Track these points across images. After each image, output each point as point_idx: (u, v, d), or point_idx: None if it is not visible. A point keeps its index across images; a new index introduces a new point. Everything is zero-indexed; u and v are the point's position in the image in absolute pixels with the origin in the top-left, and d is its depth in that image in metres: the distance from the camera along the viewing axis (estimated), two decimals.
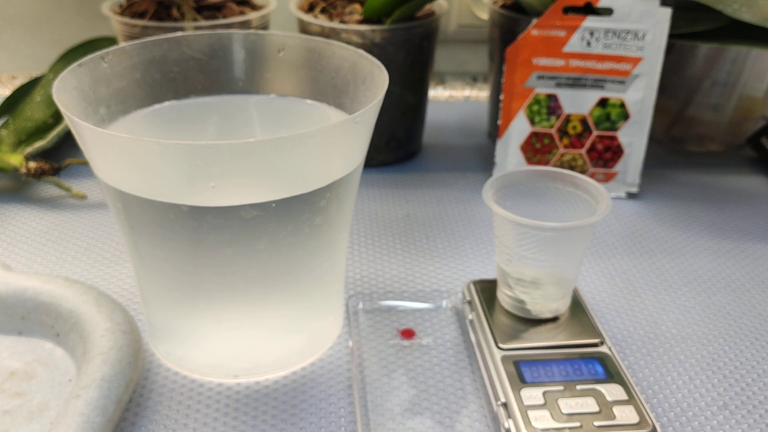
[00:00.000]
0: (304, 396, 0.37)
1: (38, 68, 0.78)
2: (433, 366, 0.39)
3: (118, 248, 0.49)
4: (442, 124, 0.70)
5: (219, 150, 0.30)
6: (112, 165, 0.32)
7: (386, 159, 0.61)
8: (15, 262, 0.47)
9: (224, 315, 0.36)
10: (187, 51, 0.40)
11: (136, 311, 0.42)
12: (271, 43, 0.41)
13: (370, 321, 0.41)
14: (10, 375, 0.37)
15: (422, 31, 0.56)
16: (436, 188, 0.58)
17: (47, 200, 0.55)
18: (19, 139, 0.56)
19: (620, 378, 0.35)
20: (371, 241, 0.51)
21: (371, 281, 0.46)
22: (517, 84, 0.55)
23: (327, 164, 0.33)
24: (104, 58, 0.37)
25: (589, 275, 0.47)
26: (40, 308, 0.39)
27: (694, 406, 0.37)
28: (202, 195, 0.31)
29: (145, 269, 0.36)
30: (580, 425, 0.33)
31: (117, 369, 0.34)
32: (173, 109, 0.40)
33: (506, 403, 0.34)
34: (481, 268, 0.48)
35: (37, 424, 0.34)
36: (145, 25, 0.55)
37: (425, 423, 0.35)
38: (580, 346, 0.37)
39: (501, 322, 0.39)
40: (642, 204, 0.56)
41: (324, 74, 0.40)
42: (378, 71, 0.36)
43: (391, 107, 0.58)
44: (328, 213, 0.34)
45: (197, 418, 0.36)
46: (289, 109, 0.41)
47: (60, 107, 0.31)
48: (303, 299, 0.37)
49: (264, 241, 0.33)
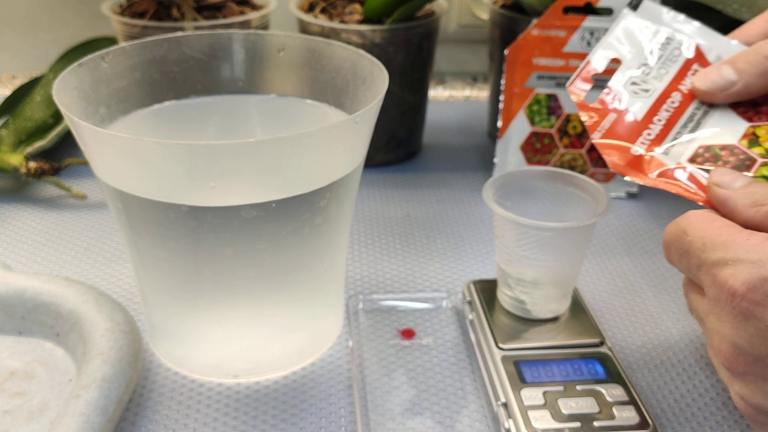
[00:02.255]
0: (304, 396, 0.37)
1: (38, 68, 0.78)
2: (433, 366, 0.39)
3: (118, 248, 0.49)
4: (442, 124, 0.70)
5: (219, 150, 0.30)
6: (112, 165, 0.32)
7: (386, 159, 0.61)
8: (15, 262, 0.47)
9: (224, 315, 0.36)
10: (187, 51, 0.40)
11: (136, 311, 0.42)
12: (271, 43, 0.41)
13: (370, 321, 0.41)
14: (10, 375, 0.37)
15: (422, 31, 0.56)
16: (436, 188, 0.58)
17: (47, 200, 0.55)
18: (19, 139, 0.56)
19: (620, 378, 0.35)
20: (371, 241, 0.51)
21: (371, 281, 0.46)
22: (517, 84, 0.55)
23: (327, 164, 0.33)
24: (104, 58, 0.37)
25: (589, 275, 0.47)
26: (40, 308, 0.39)
27: (693, 406, 0.37)
28: (202, 195, 0.31)
29: (145, 269, 0.36)
30: (580, 425, 0.33)
31: (117, 369, 0.34)
32: (173, 109, 0.40)
33: (506, 403, 0.34)
34: (481, 268, 0.48)
35: (37, 424, 0.34)
36: (145, 25, 0.55)
37: (425, 423, 0.35)
38: (580, 346, 0.37)
39: (501, 322, 0.39)
40: (642, 204, 0.56)
41: (324, 74, 0.40)
42: (378, 71, 0.36)
43: (391, 107, 0.58)
44: (328, 213, 0.34)
45: (197, 418, 0.36)
46: (289, 109, 0.41)
47: (60, 107, 0.31)
48: (303, 299, 0.37)
49: (264, 240, 0.33)
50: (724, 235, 0.29)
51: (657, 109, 0.36)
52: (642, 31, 0.38)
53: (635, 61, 0.37)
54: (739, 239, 0.28)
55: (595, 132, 0.35)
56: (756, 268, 0.27)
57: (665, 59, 0.37)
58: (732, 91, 0.34)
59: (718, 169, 0.32)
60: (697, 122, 0.35)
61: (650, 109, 0.36)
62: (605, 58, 0.38)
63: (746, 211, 0.29)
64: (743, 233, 0.28)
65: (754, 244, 0.28)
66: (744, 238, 0.28)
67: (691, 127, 0.35)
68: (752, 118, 0.34)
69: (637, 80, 0.36)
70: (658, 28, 0.38)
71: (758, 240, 0.28)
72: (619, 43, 0.38)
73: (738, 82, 0.34)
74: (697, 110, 0.35)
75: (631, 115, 0.35)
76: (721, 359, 0.29)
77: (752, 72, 0.34)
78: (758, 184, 0.30)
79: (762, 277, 0.27)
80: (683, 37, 0.37)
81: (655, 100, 0.36)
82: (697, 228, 0.30)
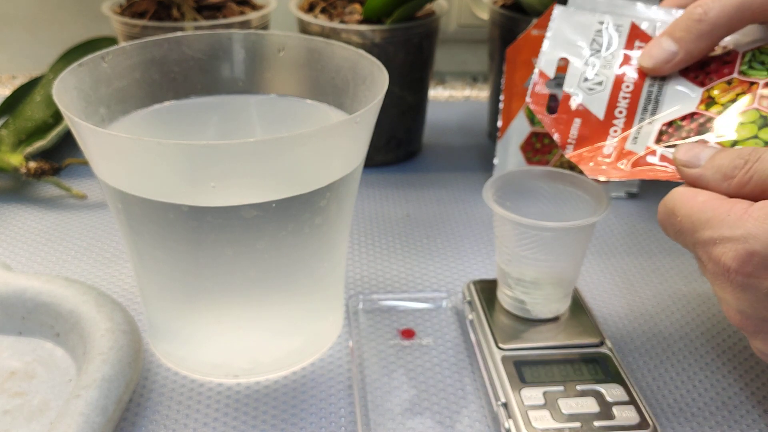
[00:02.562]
0: (304, 396, 0.37)
1: (38, 68, 0.78)
2: (433, 366, 0.39)
3: (118, 248, 0.49)
4: (442, 124, 0.70)
5: (219, 150, 0.30)
6: (112, 165, 0.32)
7: (386, 159, 0.61)
8: (15, 262, 0.47)
9: (224, 315, 0.36)
10: (187, 51, 0.40)
11: (136, 311, 0.42)
12: (271, 43, 0.41)
13: (370, 321, 0.41)
14: (11, 375, 0.37)
15: (422, 31, 0.56)
16: (436, 188, 0.58)
17: (47, 200, 0.55)
18: (19, 139, 0.56)
19: (620, 378, 0.35)
20: (371, 241, 0.51)
21: (371, 281, 0.46)
22: (517, 84, 0.55)
23: (327, 164, 0.33)
24: (104, 58, 0.37)
25: (589, 275, 0.47)
26: (40, 308, 0.39)
27: (693, 406, 0.37)
28: (202, 195, 0.31)
29: (145, 269, 0.36)
30: (580, 425, 0.33)
31: (117, 369, 0.34)
32: (173, 109, 0.40)
33: (506, 403, 0.34)
34: (481, 268, 0.48)
35: (37, 424, 0.34)
36: (145, 25, 0.55)
37: (425, 423, 0.35)
38: (580, 346, 0.37)
39: (501, 322, 0.39)
40: (642, 204, 0.56)
41: (324, 74, 0.40)
42: (378, 71, 0.36)
43: (391, 107, 0.58)
44: (328, 213, 0.34)
45: (197, 418, 0.36)
46: (289, 109, 0.41)
47: (60, 107, 0.31)
48: (303, 299, 0.37)
49: (264, 241, 0.33)
50: (708, 210, 0.29)
51: (615, 100, 0.36)
52: (578, 23, 0.37)
53: (581, 55, 0.37)
54: (722, 214, 0.29)
55: (567, 146, 0.35)
56: (741, 244, 0.28)
57: (607, 45, 0.37)
58: (676, 61, 0.35)
59: (680, 147, 0.32)
60: (655, 101, 0.35)
61: (609, 103, 0.36)
62: (552, 61, 0.37)
63: (719, 186, 0.30)
64: (724, 206, 0.29)
65: (735, 219, 0.28)
66: (725, 212, 0.29)
67: (651, 108, 0.35)
68: (704, 82, 0.35)
69: (588, 75, 0.36)
70: (593, 15, 0.37)
71: (738, 213, 0.28)
72: (561, 42, 0.37)
73: (679, 51, 0.35)
74: (652, 87, 0.35)
75: (594, 115, 0.35)
76: (733, 322, 0.31)
77: (689, 38, 0.34)
78: (722, 154, 0.30)
79: (748, 251, 0.28)
80: (617, 17, 0.37)
81: (611, 92, 0.36)
82: (684, 206, 0.31)
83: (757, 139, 0.31)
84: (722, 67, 0.35)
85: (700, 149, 0.31)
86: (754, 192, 0.29)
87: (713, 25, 0.34)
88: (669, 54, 0.35)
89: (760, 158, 0.29)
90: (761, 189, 0.29)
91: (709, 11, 0.33)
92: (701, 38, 0.34)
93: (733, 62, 0.34)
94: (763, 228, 0.27)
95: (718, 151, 0.31)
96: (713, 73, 0.35)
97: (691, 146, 0.32)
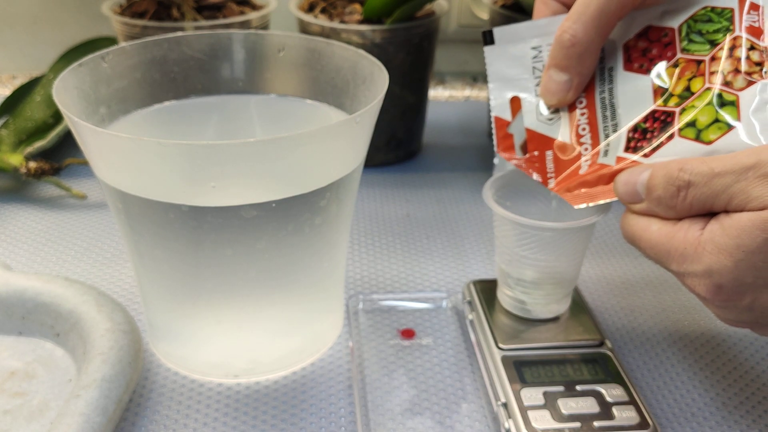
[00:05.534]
0: (304, 396, 0.37)
1: (38, 68, 0.78)
2: (433, 366, 0.39)
3: (118, 248, 0.49)
4: (442, 124, 0.70)
5: (219, 150, 0.30)
6: (112, 165, 0.32)
7: (386, 159, 0.61)
8: (15, 262, 0.47)
9: (224, 315, 0.36)
10: (187, 51, 0.40)
11: (136, 311, 0.42)
12: (271, 43, 0.41)
13: (370, 321, 0.41)
14: (11, 375, 0.37)
15: (422, 31, 0.56)
16: (436, 188, 0.58)
17: (47, 200, 0.55)
18: (19, 139, 0.56)
19: (620, 378, 0.35)
20: (371, 241, 0.51)
21: (371, 281, 0.46)
22: None
23: (327, 164, 0.33)
24: (104, 58, 0.37)
25: (589, 275, 0.47)
26: (41, 308, 0.39)
27: (693, 406, 0.37)
28: (202, 195, 0.31)
29: (146, 269, 0.36)
30: (580, 425, 0.33)
31: (117, 369, 0.34)
32: (173, 109, 0.40)
33: (506, 403, 0.34)
34: (481, 268, 0.48)
35: (37, 424, 0.34)
36: (145, 25, 0.55)
37: (425, 423, 0.35)
38: (581, 346, 0.37)
39: (501, 322, 0.39)
40: None
41: (324, 74, 0.40)
42: (378, 71, 0.36)
43: (391, 107, 0.58)
44: (328, 213, 0.34)
45: (197, 418, 0.36)
46: (289, 109, 0.41)
47: (60, 107, 0.31)
48: (303, 299, 0.37)
49: (264, 241, 0.33)
50: (665, 242, 0.30)
51: (575, 119, 0.35)
52: (513, 57, 0.36)
53: (529, 88, 0.36)
54: (679, 248, 0.29)
55: (549, 180, 0.35)
56: (707, 279, 0.29)
57: None
58: (575, 86, 0.35)
59: (616, 182, 0.32)
60: (611, 105, 0.34)
61: (570, 124, 0.35)
62: (504, 104, 0.37)
63: (667, 215, 0.30)
64: (678, 237, 0.29)
65: (692, 253, 0.29)
66: (681, 245, 0.29)
67: (610, 114, 0.34)
68: (650, 68, 0.34)
69: (542, 107, 0.36)
70: (525, 43, 0.36)
71: (693, 244, 0.29)
72: (503, 82, 0.37)
73: (572, 77, 0.34)
74: (603, 94, 0.35)
75: (561, 142, 0.35)
76: (731, 326, 0.33)
77: (574, 63, 0.34)
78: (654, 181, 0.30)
79: (715, 285, 0.29)
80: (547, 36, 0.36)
81: (569, 113, 0.35)
82: (642, 238, 0.31)
83: (719, 122, 0.30)
84: (664, 50, 0.33)
85: (635, 178, 0.31)
86: (699, 212, 0.29)
87: (588, 42, 0.33)
88: (565, 84, 0.34)
89: (690, 184, 0.28)
90: (704, 209, 0.29)
91: (575, 33, 0.33)
92: (584, 57, 0.34)
93: (673, 42, 0.33)
94: (721, 263, 0.28)
95: (650, 178, 0.30)
96: (656, 58, 0.34)
97: (627, 178, 0.31)
